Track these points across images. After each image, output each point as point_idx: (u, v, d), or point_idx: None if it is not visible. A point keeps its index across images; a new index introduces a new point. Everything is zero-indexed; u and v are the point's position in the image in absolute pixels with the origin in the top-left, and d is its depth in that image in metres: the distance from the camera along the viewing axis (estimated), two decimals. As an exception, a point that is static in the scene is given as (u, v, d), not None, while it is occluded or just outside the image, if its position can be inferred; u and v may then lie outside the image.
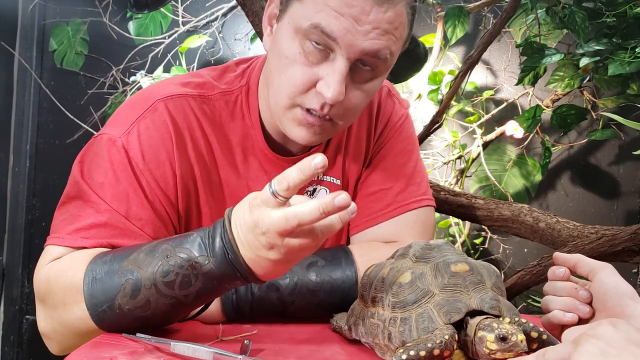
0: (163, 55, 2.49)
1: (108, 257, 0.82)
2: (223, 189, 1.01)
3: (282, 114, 0.94)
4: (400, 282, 0.73)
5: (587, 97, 2.18)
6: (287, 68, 0.90)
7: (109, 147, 0.93)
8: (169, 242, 0.80)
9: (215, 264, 0.76)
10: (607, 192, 2.30)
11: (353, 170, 1.11)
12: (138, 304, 0.78)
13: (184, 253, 0.77)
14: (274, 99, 0.94)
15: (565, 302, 0.86)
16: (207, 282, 0.77)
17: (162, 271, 0.77)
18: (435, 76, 2.20)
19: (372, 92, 0.94)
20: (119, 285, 0.78)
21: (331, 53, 0.88)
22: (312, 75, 0.89)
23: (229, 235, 0.75)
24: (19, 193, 2.55)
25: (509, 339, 0.64)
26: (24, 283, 2.54)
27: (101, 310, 0.80)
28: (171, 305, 0.78)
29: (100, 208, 0.90)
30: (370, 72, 0.91)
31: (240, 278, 0.76)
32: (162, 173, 0.94)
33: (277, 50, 0.91)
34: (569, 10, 1.85)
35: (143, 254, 0.79)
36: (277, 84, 0.92)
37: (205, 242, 0.77)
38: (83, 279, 0.81)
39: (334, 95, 0.87)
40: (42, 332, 0.90)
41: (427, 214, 1.11)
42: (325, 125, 0.93)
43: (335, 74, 0.87)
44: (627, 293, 0.83)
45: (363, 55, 0.88)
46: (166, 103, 0.97)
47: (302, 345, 0.84)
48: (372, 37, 0.86)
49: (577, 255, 0.89)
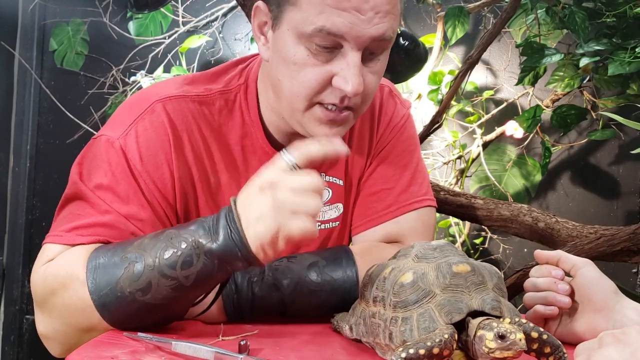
0: (163, 55, 2.49)
1: (111, 246, 0.85)
2: (222, 190, 1.01)
3: (301, 116, 0.94)
4: (401, 282, 0.73)
5: (587, 97, 2.18)
6: (298, 73, 0.90)
7: (107, 149, 0.93)
8: (175, 228, 0.83)
9: (218, 242, 0.78)
10: (607, 192, 2.30)
11: (355, 170, 1.11)
12: (139, 285, 0.79)
13: (187, 234, 0.80)
14: (289, 105, 0.94)
15: (545, 296, 0.89)
16: (208, 262, 0.79)
17: (165, 251, 0.79)
18: (435, 76, 2.20)
19: (381, 70, 0.95)
20: (122, 268, 0.80)
21: (340, 48, 0.88)
22: (325, 73, 0.89)
23: (233, 214, 0.78)
24: (19, 193, 2.55)
25: (507, 337, 0.64)
26: (24, 283, 2.54)
27: (103, 294, 0.81)
28: (171, 289, 0.79)
29: (101, 209, 0.90)
30: (377, 53, 0.92)
31: (240, 258, 0.78)
32: (160, 175, 0.94)
33: (282, 58, 0.91)
34: (569, 10, 1.85)
35: (147, 239, 0.82)
36: (289, 90, 0.92)
37: (210, 224, 0.80)
38: (85, 266, 0.83)
39: (354, 88, 0.88)
40: (41, 334, 0.90)
41: (429, 214, 1.11)
42: (346, 117, 0.94)
43: (350, 67, 0.87)
44: (610, 288, 0.87)
45: (371, 42, 0.88)
46: (164, 104, 0.97)
47: (302, 345, 0.84)
48: (376, 22, 0.86)
49: (558, 251, 0.93)
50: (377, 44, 0.89)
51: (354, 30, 0.85)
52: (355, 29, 0.85)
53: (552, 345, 0.70)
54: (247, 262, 0.79)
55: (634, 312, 0.84)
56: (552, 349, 0.70)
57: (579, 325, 0.88)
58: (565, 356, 0.71)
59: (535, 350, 0.71)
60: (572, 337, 0.87)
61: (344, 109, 0.92)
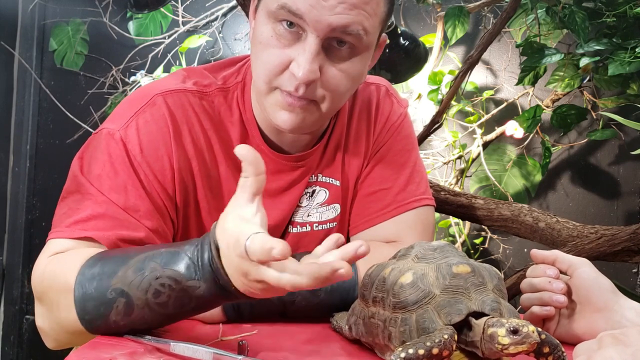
0: (163, 55, 2.49)
1: (96, 269, 0.79)
2: (222, 183, 1.02)
3: (264, 100, 0.95)
4: (401, 283, 0.73)
5: (587, 97, 2.18)
6: (262, 53, 0.91)
7: (107, 140, 0.93)
8: (156, 258, 0.77)
9: (207, 289, 0.74)
10: (607, 192, 2.30)
11: (352, 170, 1.11)
12: (134, 320, 0.77)
13: (174, 275, 0.74)
14: (256, 87, 0.96)
15: (541, 296, 0.88)
16: (200, 303, 0.76)
17: (153, 292, 0.75)
18: (435, 76, 2.20)
19: (353, 73, 0.93)
20: (111, 304, 0.77)
21: (302, 33, 0.88)
22: (284, 57, 0.89)
23: (217, 264, 0.72)
24: (19, 193, 2.55)
25: (520, 331, 0.64)
26: (24, 283, 2.54)
27: (95, 326, 0.79)
28: (167, 317, 0.78)
29: (98, 200, 0.90)
30: (347, 50, 0.90)
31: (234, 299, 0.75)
32: (160, 166, 0.94)
33: (254, 37, 0.93)
34: (569, 10, 1.85)
35: (131, 271, 0.76)
36: (254, 70, 0.94)
37: (195, 263, 0.74)
38: (73, 290, 0.79)
39: (304, 74, 0.87)
40: (39, 327, 0.90)
41: (427, 213, 1.11)
42: (307, 107, 0.92)
43: (305, 53, 0.87)
44: (608, 287, 0.87)
45: (333, 32, 0.87)
46: (165, 98, 0.97)
47: (302, 345, 0.84)
48: (338, 11, 0.86)
49: (554, 251, 0.92)
50: (344, 37, 0.88)
51: (313, 13, 0.85)
52: (314, 12, 0.85)
53: (551, 345, 0.70)
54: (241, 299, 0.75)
55: (633, 312, 0.83)
56: (551, 348, 0.70)
57: (578, 325, 0.88)
58: (564, 355, 0.71)
59: (534, 350, 0.71)
60: (571, 338, 0.87)
61: (300, 98, 0.91)
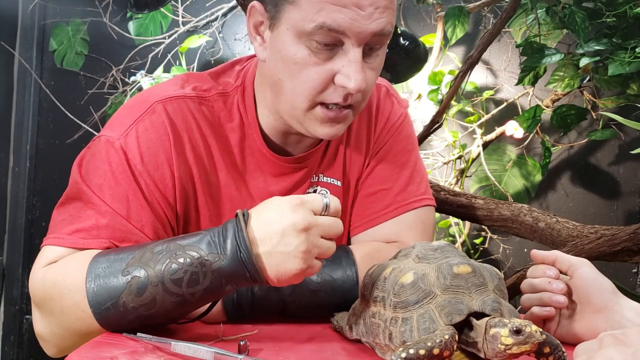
0: (163, 55, 2.49)
1: (111, 255, 0.83)
2: (221, 190, 1.01)
3: (302, 116, 0.94)
4: (402, 283, 0.73)
5: (587, 97, 2.18)
6: (299, 72, 0.90)
7: (107, 149, 0.93)
8: (176, 240, 0.81)
9: (226, 261, 0.77)
10: (607, 192, 2.30)
11: (353, 170, 1.11)
12: (143, 301, 0.78)
13: (193, 251, 0.78)
14: (289, 104, 0.94)
15: (541, 297, 0.88)
16: (215, 280, 0.78)
17: (170, 269, 0.78)
18: (435, 76, 2.20)
19: (380, 66, 0.96)
20: (124, 283, 0.79)
21: (341, 45, 0.88)
22: (327, 71, 0.90)
23: (244, 234, 0.77)
24: (19, 193, 2.55)
25: (523, 331, 0.64)
26: (24, 283, 2.54)
27: (104, 308, 0.80)
28: (176, 304, 0.79)
29: (101, 210, 0.90)
30: (376, 49, 0.92)
31: (248, 278, 0.78)
32: (161, 175, 0.94)
33: (282, 57, 0.91)
34: (569, 10, 1.85)
35: (149, 252, 0.80)
36: (291, 89, 0.92)
37: (215, 241, 0.78)
38: (85, 278, 0.81)
39: (357, 84, 0.89)
40: (38, 334, 0.89)
41: (428, 213, 1.11)
42: (346, 115, 0.95)
43: (352, 64, 0.88)
44: (608, 288, 0.87)
45: (372, 38, 0.89)
46: (164, 105, 0.97)
47: (302, 344, 0.84)
48: (375, 17, 0.87)
49: (554, 252, 0.92)
50: (377, 39, 0.90)
51: (355, 26, 0.86)
52: (356, 24, 0.86)
53: (551, 345, 0.70)
54: (254, 282, 0.79)
55: (633, 312, 0.83)
56: (552, 348, 0.70)
57: (578, 325, 0.88)
58: (564, 356, 0.71)
59: (535, 350, 0.71)
60: (571, 338, 0.87)
61: (345, 107, 0.92)
